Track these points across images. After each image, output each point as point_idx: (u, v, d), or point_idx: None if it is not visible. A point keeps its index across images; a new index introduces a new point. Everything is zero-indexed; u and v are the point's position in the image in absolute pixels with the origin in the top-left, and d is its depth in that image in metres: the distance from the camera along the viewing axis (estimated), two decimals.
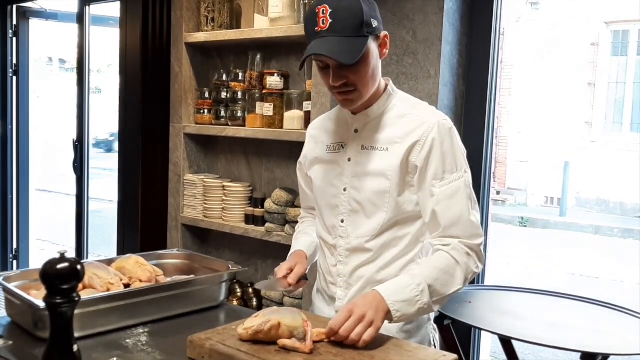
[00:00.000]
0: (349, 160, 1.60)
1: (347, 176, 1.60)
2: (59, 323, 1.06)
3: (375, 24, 1.47)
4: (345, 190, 1.60)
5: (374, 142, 1.57)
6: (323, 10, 1.43)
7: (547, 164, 10.84)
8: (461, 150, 1.55)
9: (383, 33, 1.52)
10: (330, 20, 1.42)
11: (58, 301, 1.04)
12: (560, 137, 10.80)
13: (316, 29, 1.44)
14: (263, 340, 1.33)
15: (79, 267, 1.05)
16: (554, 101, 10.82)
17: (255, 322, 1.33)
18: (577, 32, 10.69)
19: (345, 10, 1.42)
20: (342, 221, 1.61)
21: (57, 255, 1.06)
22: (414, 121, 1.54)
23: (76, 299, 1.06)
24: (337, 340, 1.35)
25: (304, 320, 1.36)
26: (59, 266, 1.04)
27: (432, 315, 1.68)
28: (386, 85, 1.61)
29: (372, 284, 1.56)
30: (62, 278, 1.04)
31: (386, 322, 1.51)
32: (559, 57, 10.76)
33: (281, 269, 1.62)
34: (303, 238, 1.81)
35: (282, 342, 1.31)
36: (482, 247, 1.52)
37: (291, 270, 1.62)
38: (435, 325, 1.71)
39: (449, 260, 1.48)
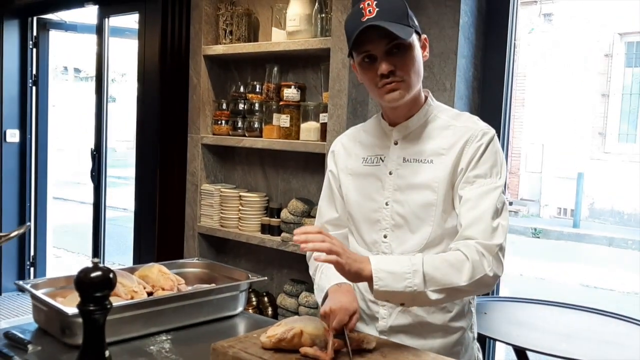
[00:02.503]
0: (390, 173, 1.55)
1: (388, 190, 1.55)
2: (92, 330, 1.10)
3: (415, 22, 1.49)
4: (387, 204, 1.54)
5: (416, 154, 1.53)
6: (368, 3, 1.43)
7: (561, 175, 10.80)
8: (500, 161, 1.50)
9: (424, 35, 1.53)
10: (377, 9, 1.42)
11: (91, 308, 1.08)
12: (574, 148, 10.78)
13: (362, 19, 1.43)
14: (285, 348, 1.36)
15: (111, 275, 1.10)
16: (568, 112, 10.80)
17: (278, 330, 1.36)
18: (591, 43, 10.69)
19: (389, 3, 1.44)
20: (385, 236, 1.55)
21: (90, 264, 1.10)
22: (458, 132, 1.51)
23: (108, 306, 1.10)
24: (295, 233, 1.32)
25: (325, 329, 1.39)
26: (93, 275, 1.08)
27: (475, 334, 1.64)
28: (426, 97, 1.58)
29: None
30: (95, 286, 1.08)
31: (433, 341, 1.52)
32: (573, 68, 10.75)
33: (342, 315, 1.42)
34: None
35: (304, 350, 1.34)
36: (500, 252, 1.42)
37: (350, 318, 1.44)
38: (479, 345, 1.67)
39: (458, 254, 1.40)
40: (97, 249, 4.40)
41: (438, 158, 1.50)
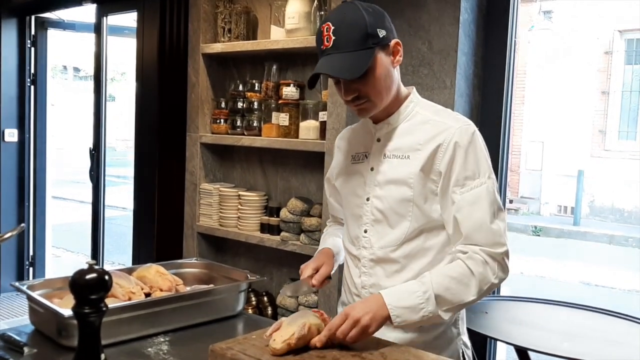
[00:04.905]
0: (372, 169, 1.59)
1: (370, 185, 1.59)
2: (87, 332, 1.08)
3: (382, 33, 1.47)
4: (368, 199, 1.59)
5: (395, 150, 1.56)
6: (327, 28, 1.45)
7: (561, 173, 10.79)
8: (485, 156, 1.51)
9: (393, 41, 1.51)
10: (333, 38, 1.44)
11: (86, 311, 1.07)
12: (574, 145, 10.75)
13: (322, 47, 1.47)
14: (299, 346, 1.35)
15: (107, 277, 1.08)
16: (568, 109, 10.77)
17: (290, 330, 1.35)
18: (591, 40, 10.66)
19: (347, 26, 1.44)
20: (365, 231, 1.59)
21: (86, 266, 1.08)
22: (436, 127, 1.52)
23: (104, 308, 1.09)
24: (334, 342, 1.38)
25: (319, 313, 1.45)
26: (88, 276, 1.07)
27: (463, 330, 1.65)
28: (409, 94, 1.60)
29: None
30: (90, 288, 1.06)
31: (413, 335, 1.53)
32: (573, 66, 10.73)
33: (307, 268, 1.61)
34: (331, 239, 1.79)
35: (314, 342, 1.37)
36: (505, 257, 1.47)
37: (317, 270, 1.61)
38: (468, 342, 1.67)
39: (463, 269, 1.44)
40: (96, 248, 4.39)
41: (414, 153, 1.53)
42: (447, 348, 1.59)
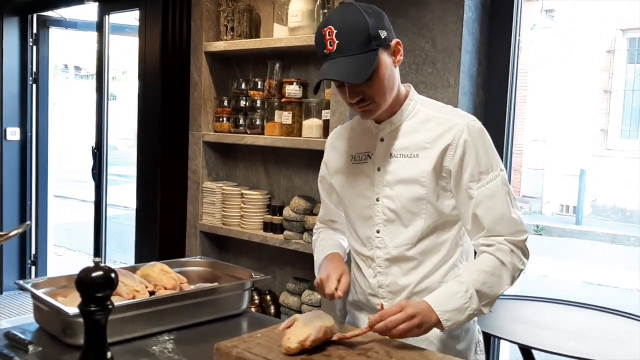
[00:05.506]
0: (379, 169, 1.58)
1: (378, 186, 1.58)
2: (93, 330, 1.08)
3: (383, 34, 1.46)
4: (378, 200, 1.58)
5: (402, 149, 1.56)
6: (329, 32, 1.43)
7: (563, 172, 10.78)
8: (494, 149, 1.54)
9: (394, 41, 1.50)
10: (337, 42, 1.42)
11: (93, 309, 1.06)
12: (576, 144, 10.74)
13: (325, 51, 1.44)
14: (310, 347, 1.35)
15: (113, 275, 1.08)
16: (570, 108, 10.76)
17: (306, 331, 1.34)
18: (593, 39, 10.65)
19: (350, 29, 1.42)
20: (378, 232, 1.59)
21: (92, 264, 1.08)
22: (441, 124, 1.53)
23: (110, 306, 1.08)
24: (376, 330, 1.38)
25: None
26: (94, 274, 1.06)
27: (476, 318, 1.67)
28: (408, 92, 1.60)
29: (416, 293, 1.56)
30: (97, 286, 1.06)
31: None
32: (575, 65, 10.71)
33: (330, 281, 1.54)
34: (330, 242, 1.76)
35: (340, 336, 1.40)
36: (526, 243, 1.51)
37: (338, 281, 1.56)
38: (479, 327, 1.70)
39: (494, 262, 1.47)
40: (98, 247, 4.39)
41: (423, 152, 1.54)
42: (466, 336, 1.62)
